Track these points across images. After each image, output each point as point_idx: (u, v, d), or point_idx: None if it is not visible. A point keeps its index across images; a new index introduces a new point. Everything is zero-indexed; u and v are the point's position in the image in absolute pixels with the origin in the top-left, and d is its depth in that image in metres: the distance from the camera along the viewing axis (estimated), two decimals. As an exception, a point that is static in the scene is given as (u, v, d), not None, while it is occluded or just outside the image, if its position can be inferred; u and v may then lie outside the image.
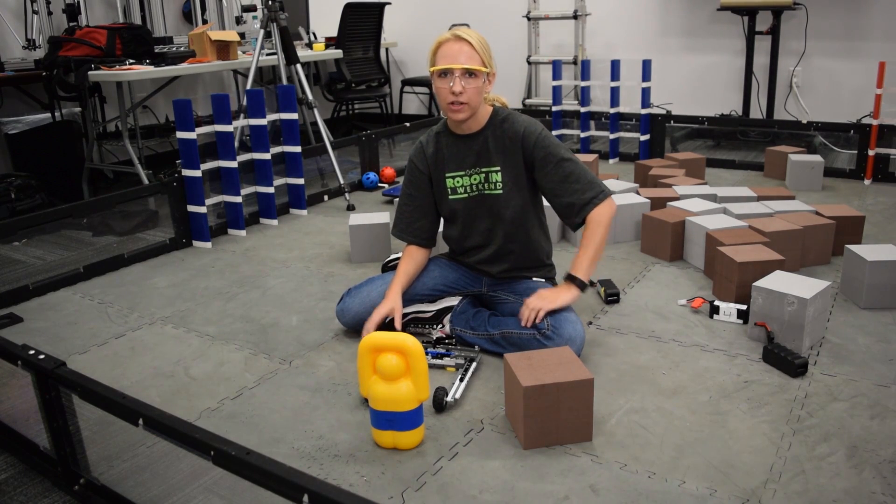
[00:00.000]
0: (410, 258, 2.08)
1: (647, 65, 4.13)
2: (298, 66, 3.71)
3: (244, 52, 4.24)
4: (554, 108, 4.41)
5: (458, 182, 2.01)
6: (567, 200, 1.93)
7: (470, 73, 1.84)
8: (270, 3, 3.54)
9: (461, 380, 1.81)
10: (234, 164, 3.09)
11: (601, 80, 4.60)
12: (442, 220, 2.13)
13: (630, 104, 4.49)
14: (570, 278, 1.90)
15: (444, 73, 1.85)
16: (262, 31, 3.66)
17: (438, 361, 1.92)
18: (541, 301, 1.87)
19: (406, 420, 1.55)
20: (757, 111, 4.70)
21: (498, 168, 1.97)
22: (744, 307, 2.10)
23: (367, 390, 1.58)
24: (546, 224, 2.11)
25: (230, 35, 3.90)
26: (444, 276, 2.11)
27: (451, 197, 2.03)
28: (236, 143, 3.17)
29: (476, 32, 1.89)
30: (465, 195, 2.01)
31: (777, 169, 3.74)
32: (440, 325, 2.07)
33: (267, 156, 3.23)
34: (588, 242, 1.91)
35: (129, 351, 2.12)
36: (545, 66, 5.29)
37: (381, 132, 4.22)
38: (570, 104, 4.79)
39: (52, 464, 1.53)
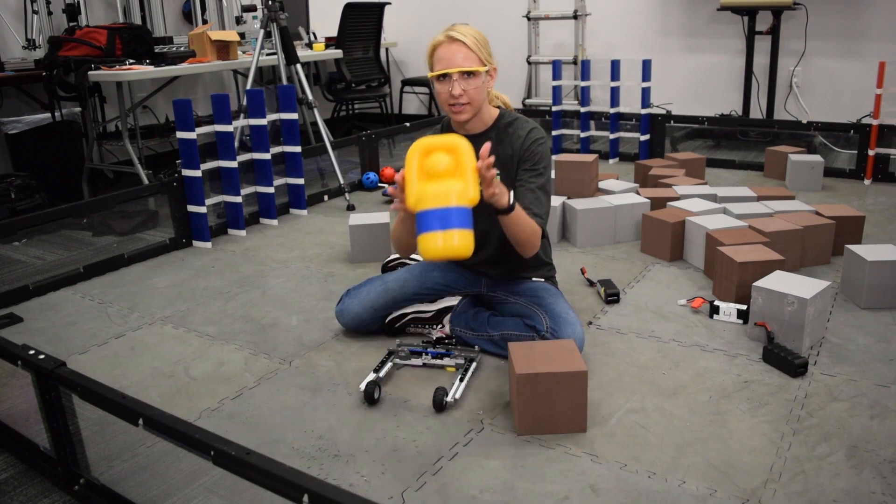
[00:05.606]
0: None
1: (647, 65, 4.13)
2: (298, 66, 3.71)
3: (244, 52, 4.24)
4: (554, 108, 4.41)
5: None
6: None
7: (468, 73, 1.82)
8: (270, 3, 3.54)
9: (461, 380, 1.81)
10: (234, 164, 3.09)
11: (601, 80, 4.59)
12: None
13: (630, 104, 4.49)
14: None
15: (443, 77, 1.82)
16: (262, 31, 3.66)
17: (438, 361, 1.92)
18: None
19: (460, 216, 1.45)
20: (757, 111, 4.70)
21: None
22: (744, 307, 2.10)
23: (413, 197, 1.49)
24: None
25: (230, 35, 3.90)
26: (443, 276, 2.11)
27: None
28: (236, 143, 3.17)
29: (471, 28, 1.85)
30: None
31: (777, 169, 3.74)
32: (440, 325, 2.07)
33: (267, 156, 3.23)
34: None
35: (129, 351, 2.12)
36: (545, 66, 5.29)
37: (381, 132, 4.22)
38: (570, 104, 4.79)
39: (52, 464, 1.53)
